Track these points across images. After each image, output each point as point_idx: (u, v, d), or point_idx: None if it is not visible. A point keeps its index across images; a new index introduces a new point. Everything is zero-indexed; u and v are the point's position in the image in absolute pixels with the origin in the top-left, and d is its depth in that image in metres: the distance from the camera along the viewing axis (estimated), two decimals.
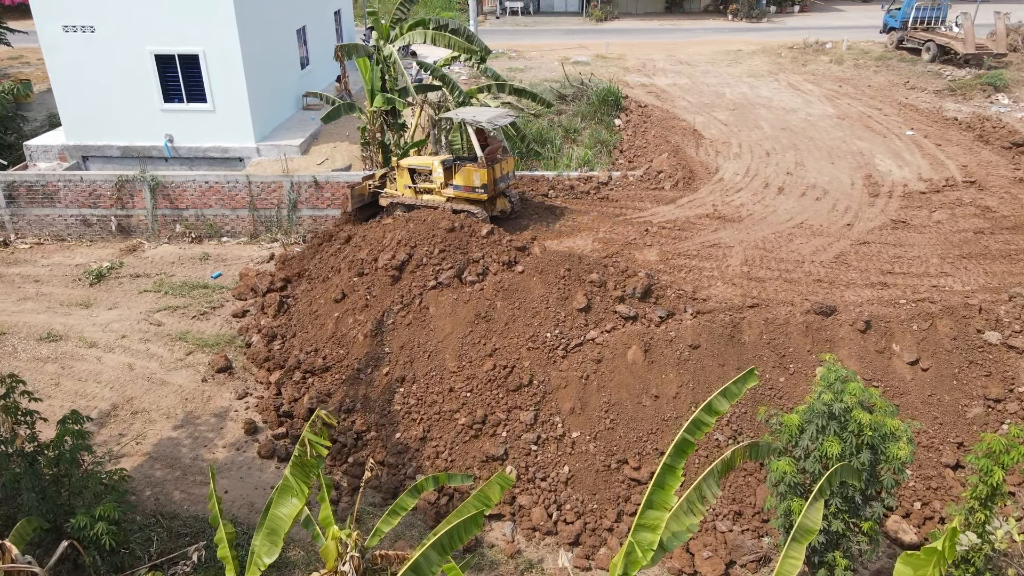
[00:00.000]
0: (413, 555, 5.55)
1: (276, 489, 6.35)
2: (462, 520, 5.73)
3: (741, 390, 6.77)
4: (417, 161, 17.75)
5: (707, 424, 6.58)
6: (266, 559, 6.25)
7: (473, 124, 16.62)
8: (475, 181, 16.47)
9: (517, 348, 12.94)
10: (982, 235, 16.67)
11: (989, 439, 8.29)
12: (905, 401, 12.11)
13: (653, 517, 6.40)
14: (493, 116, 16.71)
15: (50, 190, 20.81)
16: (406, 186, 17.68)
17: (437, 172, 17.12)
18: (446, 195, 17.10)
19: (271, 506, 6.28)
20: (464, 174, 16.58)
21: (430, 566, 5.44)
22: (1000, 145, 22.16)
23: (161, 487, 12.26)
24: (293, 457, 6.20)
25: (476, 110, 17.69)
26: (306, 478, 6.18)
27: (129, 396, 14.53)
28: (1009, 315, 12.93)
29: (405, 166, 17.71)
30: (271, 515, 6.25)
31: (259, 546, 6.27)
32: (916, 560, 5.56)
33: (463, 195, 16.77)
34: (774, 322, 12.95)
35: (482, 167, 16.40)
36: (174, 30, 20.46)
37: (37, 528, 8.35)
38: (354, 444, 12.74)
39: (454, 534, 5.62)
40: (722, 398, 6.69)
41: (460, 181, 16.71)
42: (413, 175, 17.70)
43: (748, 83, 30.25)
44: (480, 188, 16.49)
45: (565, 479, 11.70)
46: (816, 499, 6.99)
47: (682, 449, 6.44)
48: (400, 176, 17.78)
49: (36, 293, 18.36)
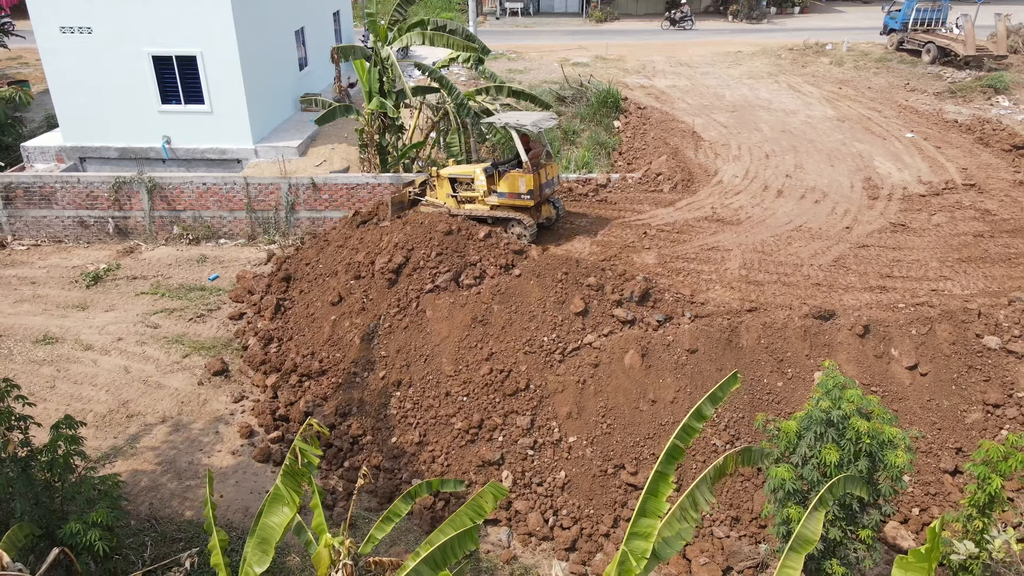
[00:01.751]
0: (406, 568, 5.49)
1: (267, 498, 6.29)
2: (456, 535, 5.67)
3: (726, 393, 6.75)
4: (457, 170, 17.20)
5: (696, 430, 6.54)
6: (257, 568, 6.20)
7: (517, 128, 15.96)
8: (521, 187, 15.81)
9: (514, 352, 12.88)
10: (981, 238, 16.60)
11: (987, 447, 8.23)
12: (904, 406, 12.05)
13: (646, 525, 6.34)
14: (537, 119, 16.12)
15: (47, 192, 20.74)
16: (448, 195, 17.08)
17: (480, 180, 16.46)
18: (490, 203, 16.42)
19: (262, 515, 6.22)
20: (509, 180, 15.90)
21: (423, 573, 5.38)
22: (1000, 148, 22.10)
23: (156, 491, 12.20)
24: (284, 466, 6.15)
25: (519, 114, 17.11)
26: (297, 487, 6.12)
27: (125, 399, 14.47)
28: (1008, 320, 12.87)
29: (445, 175, 17.15)
30: (262, 524, 6.19)
31: (250, 555, 6.21)
32: (907, 563, 5.51)
33: (508, 202, 16.10)
34: (772, 326, 12.89)
35: (528, 172, 15.78)
36: (172, 31, 20.39)
37: (29, 534, 8.29)
38: (350, 448, 12.68)
39: (447, 549, 5.55)
40: (709, 403, 6.65)
41: (505, 188, 15.96)
42: (454, 184, 17.13)
43: (748, 85, 30.20)
44: (526, 194, 15.82)
45: (562, 484, 11.64)
46: (816, 509, 6.94)
47: (673, 456, 6.39)
48: (440, 185, 17.20)
49: (32, 295, 18.29)
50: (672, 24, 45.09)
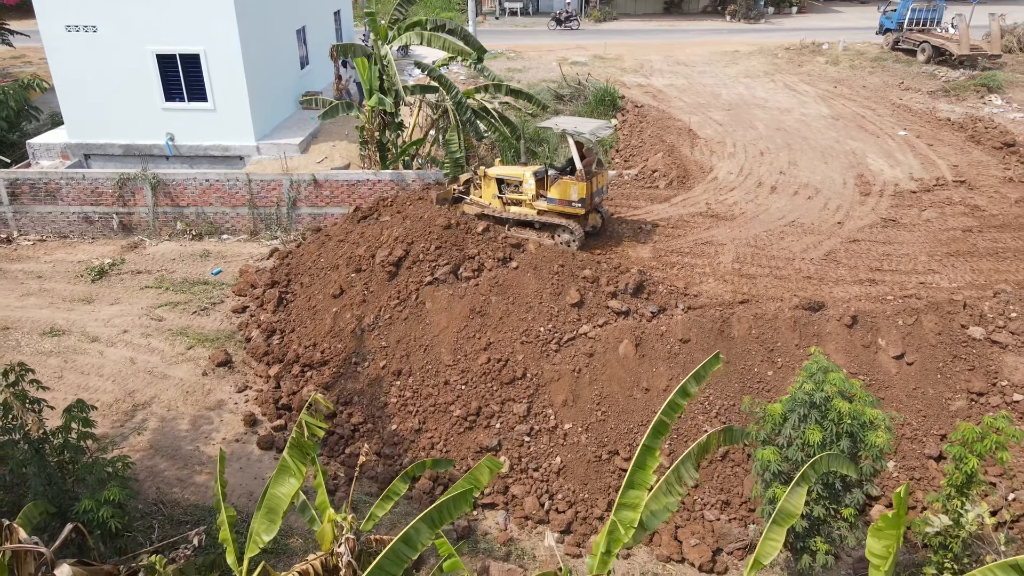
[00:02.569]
0: (404, 528, 5.82)
1: (275, 470, 6.62)
2: (452, 496, 6.00)
3: (708, 372, 7.09)
4: (505, 171, 16.99)
5: (681, 406, 6.87)
6: (265, 537, 6.52)
7: (575, 136, 15.71)
8: (573, 195, 15.57)
9: (511, 342, 13.21)
10: (970, 233, 16.94)
11: (964, 428, 8.56)
12: (890, 394, 12.38)
13: (634, 496, 6.68)
14: (595, 128, 15.96)
15: (52, 188, 21.05)
16: (494, 195, 16.89)
17: (528, 184, 16.21)
18: (538, 208, 16.21)
19: (270, 486, 6.55)
20: (561, 187, 15.69)
21: (419, 536, 5.70)
22: (991, 145, 22.44)
23: (162, 477, 12.53)
24: (291, 439, 6.47)
25: (576, 120, 16.83)
26: (303, 459, 6.45)
27: (131, 389, 14.79)
28: (993, 311, 13.20)
29: (493, 175, 16.89)
30: (269, 495, 6.52)
31: (258, 524, 6.54)
32: (879, 530, 5.83)
33: (558, 208, 15.87)
34: (763, 317, 13.22)
35: (581, 180, 15.50)
36: (175, 30, 20.72)
37: (43, 512, 8.61)
38: (351, 436, 13.01)
39: (444, 509, 5.88)
40: (693, 381, 6.98)
41: (556, 194, 15.80)
42: (500, 185, 16.89)
43: (744, 83, 30.53)
44: (578, 202, 15.57)
45: (557, 469, 11.97)
46: (799, 485, 7.26)
47: (659, 431, 6.72)
48: (487, 186, 17.00)
49: (39, 289, 18.62)
50: (559, 24, 45.27)
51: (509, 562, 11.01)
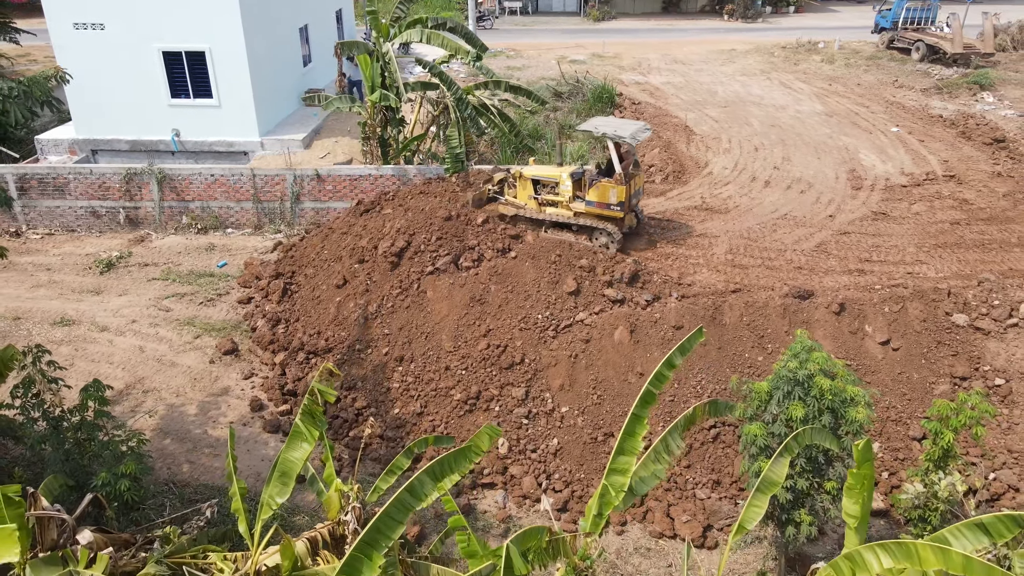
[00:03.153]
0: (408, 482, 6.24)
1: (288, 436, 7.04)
2: (454, 452, 6.42)
3: (692, 345, 7.52)
4: (541, 171, 16.80)
5: (666, 377, 7.30)
6: (278, 499, 6.94)
7: (615, 138, 15.56)
8: (611, 198, 15.45)
9: (510, 329, 13.63)
10: (958, 226, 17.36)
11: (940, 404, 8.98)
12: (876, 379, 12.80)
13: (623, 462, 7.10)
14: (635, 131, 15.82)
15: (60, 183, 21.47)
16: (530, 197, 16.70)
17: (565, 185, 16.09)
18: (575, 209, 16.05)
19: (282, 452, 6.97)
20: (599, 190, 15.60)
21: (423, 488, 6.12)
22: (981, 141, 22.85)
23: (172, 459, 12.95)
24: (302, 406, 6.89)
25: (616, 123, 16.61)
26: (314, 425, 6.86)
27: (140, 376, 15.22)
28: (977, 299, 13.62)
29: (528, 176, 16.72)
30: (282, 459, 6.94)
31: (271, 488, 6.95)
32: (851, 488, 6.25)
33: (596, 211, 15.75)
34: (754, 305, 13.64)
35: (620, 183, 15.42)
36: (181, 28, 21.15)
37: (63, 485, 9.04)
38: (355, 420, 13.43)
39: (445, 463, 6.30)
40: (678, 353, 7.41)
41: (594, 197, 15.68)
42: (536, 186, 16.74)
43: (740, 81, 30.95)
44: (616, 205, 15.46)
45: (554, 451, 12.39)
46: (781, 456, 7.69)
47: (646, 400, 7.15)
48: (523, 187, 16.79)
49: (48, 280, 19.04)
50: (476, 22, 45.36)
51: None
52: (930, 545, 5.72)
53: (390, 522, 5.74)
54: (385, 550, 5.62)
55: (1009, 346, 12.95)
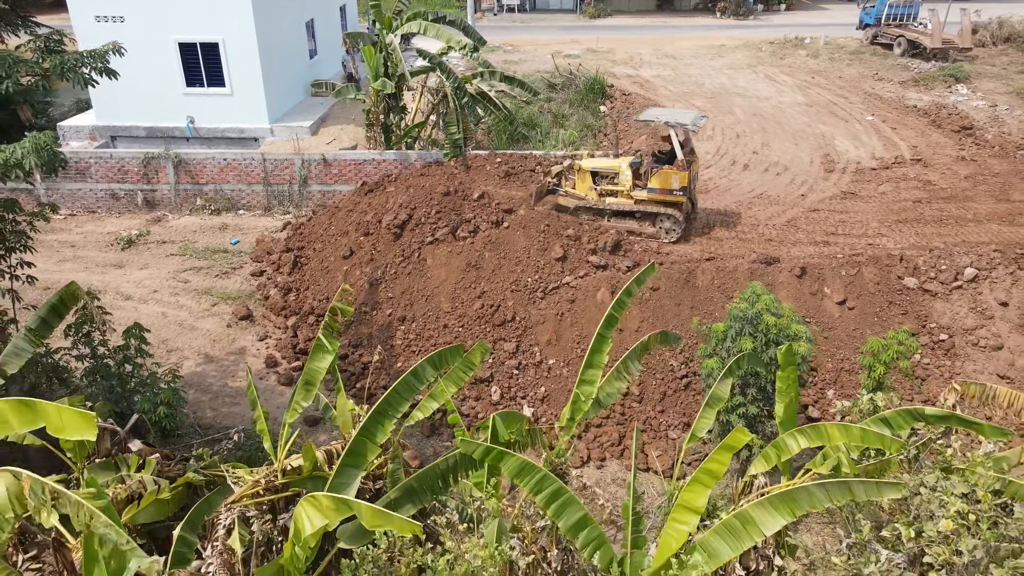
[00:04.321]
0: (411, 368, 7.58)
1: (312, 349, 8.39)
2: (449, 347, 7.77)
3: (646, 277, 8.84)
4: (600, 163, 17.43)
5: (626, 304, 8.63)
6: (303, 403, 8.28)
7: (675, 125, 16.22)
8: (674, 184, 16.17)
9: (502, 291, 14.99)
10: (919, 204, 18.72)
11: (872, 341, 10.33)
12: (833, 334, 14.16)
13: (591, 374, 8.44)
14: (695, 118, 16.50)
15: (82, 167, 22.83)
16: (590, 188, 17.40)
17: (625, 175, 16.78)
18: (637, 197, 16.68)
19: (307, 363, 8.30)
20: (662, 176, 16.27)
21: (424, 373, 7.46)
22: (950, 129, 24.21)
23: (196, 407, 14.30)
24: (324, 323, 8.23)
25: (675, 111, 17.27)
26: (334, 338, 8.20)
27: (164, 338, 16.57)
28: (926, 264, 14.98)
29: (587, 168, 17.35)
30: (307, 369, 8.27)
31: (297, 394, 8.30)
32: (780, 392, 7.63)
33: (658, 198, 16.45)
34: (724, 270, 15.00)
35: (682, 169, 16.10)
36: (197, 20, 22.51)
37: (110, 410, 10.41)
38: (361, 373, 14.79)
39: (443, 355, 7.65)
40: (635, 284, 8.74)
41: (657, 184, 16.35)
42: (595, 177, 17.39)
43: (727, 74, 32.31)
44: (679, 191, 16.21)
45: (542, 397, 13.75)
46: (725, 377, 9.04)
47: (609, 323, 8.48)
48: (582, 179, 17.48)
49: (73, 256, 20.41)
50: None
51: None
52: (836, 425, 7.06)
53: (397, 398, 7.09)
54: (394, 420, 6.96)
55: (953, 306, 14.31)
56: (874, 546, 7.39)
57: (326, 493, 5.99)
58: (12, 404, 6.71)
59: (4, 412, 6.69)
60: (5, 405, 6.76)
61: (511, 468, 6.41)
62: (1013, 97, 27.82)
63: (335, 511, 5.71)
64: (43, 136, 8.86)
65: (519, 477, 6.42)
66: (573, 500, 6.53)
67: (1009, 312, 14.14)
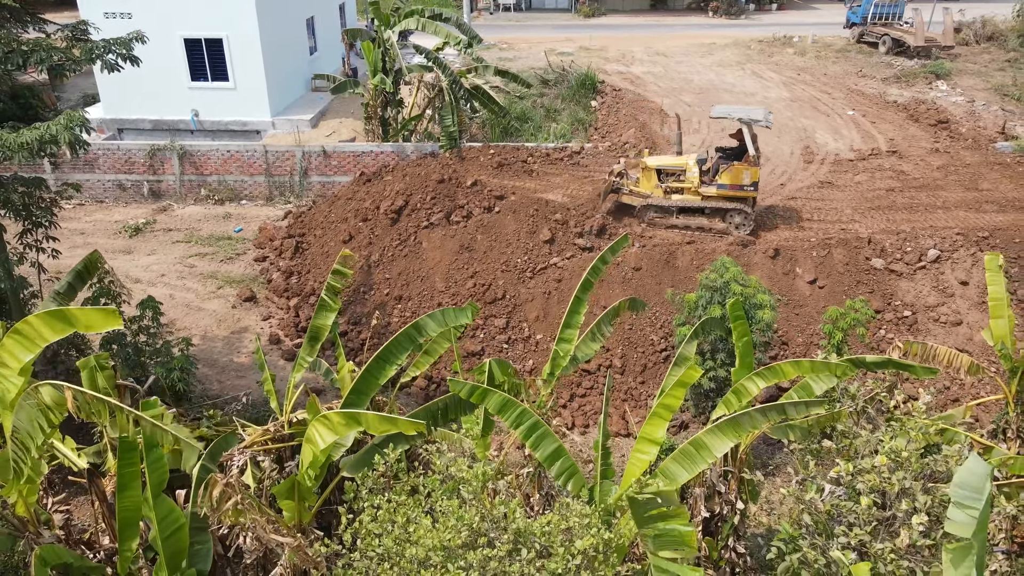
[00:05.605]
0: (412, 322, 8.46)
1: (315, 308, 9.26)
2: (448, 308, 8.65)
3: (620, 247, 9.71)
4: (666, 161, 17.60)
5: (600, 269, 9.50)
6: (308, 358, 9.15)
7: (750, 122, 16.52)
8: (745, 179, 16.42)
9: (493, 271, 15.88)
10: (892, 192, 19.62)
11: (831, 310, 11.22)
12: (804, 311, 15.06)
13: (569, 334, 9.33)
14: (765, 114, 16.78)
15: (90, 158, 23.67)
16: (655, 186, 17.49)
17: (692, 172, 17.00)
18: (705, 194, 16.90)
19: (312, 321, 9.17)
20: (733, 172, 16.54)
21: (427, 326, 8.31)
22: (927, 123, 25.14)
23: (206, 379, 15.16)
24: (327, 284, 9.10)
25: (747, 108, 17.52)
26: (337, 298, 9.07)
27: (172, 318, 17.41)
28: (893, 246, 15.89)
29: (652, 166, 17.44)
30: (312, 326, 9.14)
31: (303, 349, 9.17)
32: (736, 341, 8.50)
33: (728, 193, 16.67)
34: (703, 251, 15.90)
35: (754, 165, 16.32)
36: (201, 17, 23.37)
37: (128, 375, 11.28)
38: (359, 348, 15.65)
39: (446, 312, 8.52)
40: (609, 252, 9.61)
41: (727, 180, 16.60)
42: (660, 174, 17.52)
43: (716, 71, 33.22)
44: (751, 186, 16.46)
45: (529, 370, 14.63)
46: (691, 340, 9.92)
47: (585, 287, 9.36)
48: (647, 177, 17.56)
49: (83, 243, 21.25)
50: None
51: None
52: (788, 362, 7.95)
53: (398, 347, 7.96)
54: (395, 366, 7.84)
55: (917, 285, 15.22)
56: (819, 482, 8.28)
57: (336, 411, 6.83)
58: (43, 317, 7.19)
59: (37, 327, 7.22)
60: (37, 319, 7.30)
61: (494, 404, 7.28)
62: (991, 93, 28.75)
63: (344, 425, 6.55)
64: (75, 114, 9.70)
65: (501, 412, 7.28)
66: (549, 433, 7.41)
67: (969, 290, 15.06)
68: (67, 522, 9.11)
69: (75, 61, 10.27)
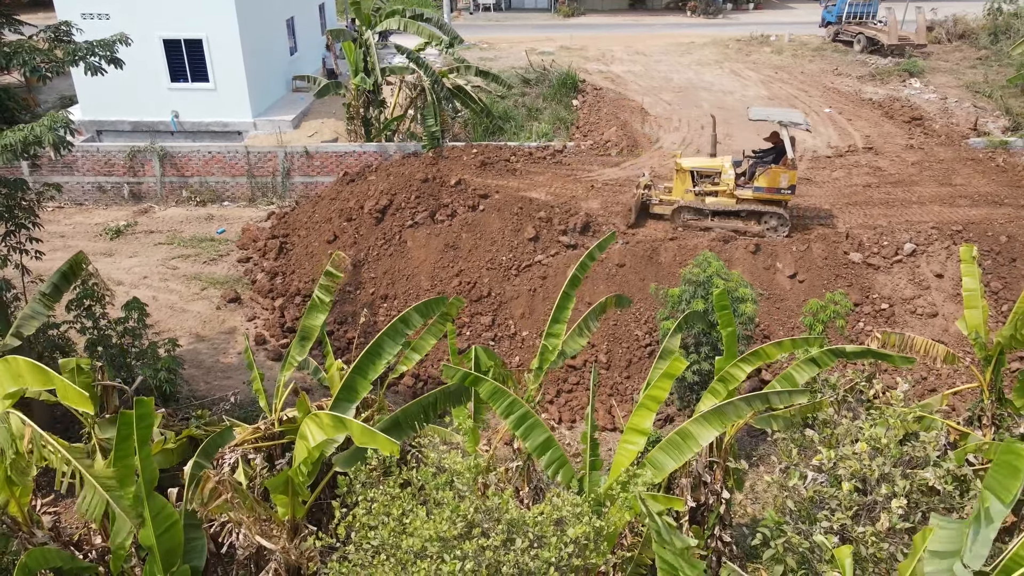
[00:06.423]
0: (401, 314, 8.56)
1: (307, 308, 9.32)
2: (433, 299, 8.75)
3: (607, 244, 9.87)
4: (701, 163, 17.45)
5: (588, 266, 9.65)
6: (298, 357, 9.20)
7: (790, 125, 16.35)
8: (783, 182, 16.30)
9: (478, 269, 15.99)
10: (869, 188, 19.99)
11: (811, 303, 11.47)
12: (784, 305, 15.34)
13: (557, 328, 9.48)
14: (804, 118, 16.76)
15: (69, 160, 23.42)
16: (686, 190, 17.27)
17: (728, 174, 16.86)
18: (741, 196, 16.75)
19: (302, 321, 9.23)
20: (770, 175, 16.40)
21: (412, 319, 8.42)
22: (902, 120, 25.62)
23: (192, 380, 15.13)
24: (319, 285, 9.16)
25: (786, 111, 17.26)
26: (328, 298, 9.14)
27: (156, 320, 17.30)
28: (870, 241, 16.22)
29: (687, 168, 17.23)
30: (303, 326, 9.20)
31: (292, 349, 9.22)
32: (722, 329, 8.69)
33: (764, 196, 16.55)
34: (686, 247, 16.13)
35: (792, 168, 16.26)
36: (181, 17, 23.23)
37: (114, 377, 11.25)
38: (346, 348, 15.70)
39: (430, 304, 8.62)
40: (597, 250, 9.77)
41: (764, 183, 16.45)
42: (694, 177, 17.35)
43: (695, 70, 33.57)
44: (788, 189, 16.35)
45: (516, 366, 14.76)
46: (675, 333, 10.10)
47: (573, 283, 9.51)
48: (681, 179, 17.32)
49: (64, 246, 21.05)
50: None
51: None
52: (770, 344, 8.16)
53: (387, 341, 8.05)
54: (385, 361, 7.93)
55: (894, 278, 15.56)
56: (801, 469, 8.49)
57: (327, 412, 6.94)
58: (31, 365, 7.47)
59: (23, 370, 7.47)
60: (25, 364, 7.54)
61: (486, 391, 7.41)
62: (963, 90, 29.34)
63: (333, 427, 6.66)
64: (59, 115, 9.68)
65: (493, 399, 7.41)
66: (539, 424, 7.54)
67: (944, 283, 15.42)
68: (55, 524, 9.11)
69: (58, 63, 10.22)
